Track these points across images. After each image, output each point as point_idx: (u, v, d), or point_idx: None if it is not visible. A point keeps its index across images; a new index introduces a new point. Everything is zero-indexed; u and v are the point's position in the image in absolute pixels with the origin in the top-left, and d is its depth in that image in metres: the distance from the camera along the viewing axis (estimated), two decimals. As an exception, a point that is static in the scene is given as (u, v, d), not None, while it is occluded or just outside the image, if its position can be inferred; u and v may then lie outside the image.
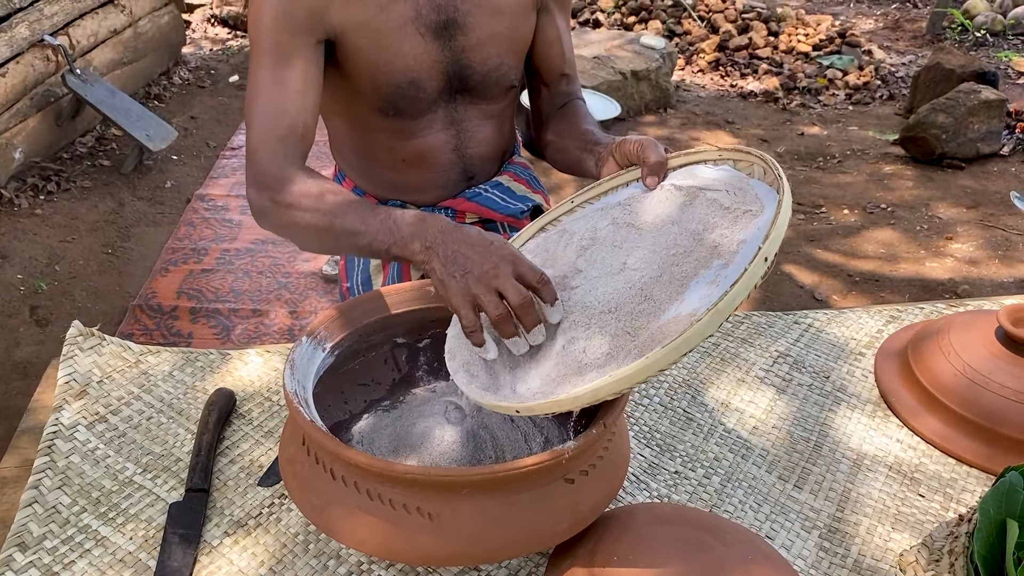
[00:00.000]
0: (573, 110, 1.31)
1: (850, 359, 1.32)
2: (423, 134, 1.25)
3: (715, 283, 0.82)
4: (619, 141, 1.09)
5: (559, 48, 1.31)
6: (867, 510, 1.05)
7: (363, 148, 1.31)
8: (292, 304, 3.00)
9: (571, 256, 0.99)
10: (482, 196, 1.35)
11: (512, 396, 0.88)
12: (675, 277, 0.86)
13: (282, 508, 1.02)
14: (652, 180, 1.00)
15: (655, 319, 0.83)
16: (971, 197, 3.95)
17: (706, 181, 0.96)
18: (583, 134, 1.22)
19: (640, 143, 1.03)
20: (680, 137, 4.60)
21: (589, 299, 0.90)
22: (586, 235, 1.00)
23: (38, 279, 3.09)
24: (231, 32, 5.97)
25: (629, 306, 0.87)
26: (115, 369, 1.23)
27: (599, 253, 0.96)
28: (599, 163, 1.13)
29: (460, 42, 1.18)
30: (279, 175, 1.08)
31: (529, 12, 1.24)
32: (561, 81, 1.34)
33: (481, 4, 1.17)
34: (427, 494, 0.81)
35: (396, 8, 1.13)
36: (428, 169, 1.30)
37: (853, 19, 6.60)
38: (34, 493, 1.02)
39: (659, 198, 0.99)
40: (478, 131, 1.30)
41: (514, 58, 1.25)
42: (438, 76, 1.19)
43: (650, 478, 1.08)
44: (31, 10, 3.72)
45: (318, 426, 0.85)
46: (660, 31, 5.80)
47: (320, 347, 1.00)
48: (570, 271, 0.96)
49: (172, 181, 3.89)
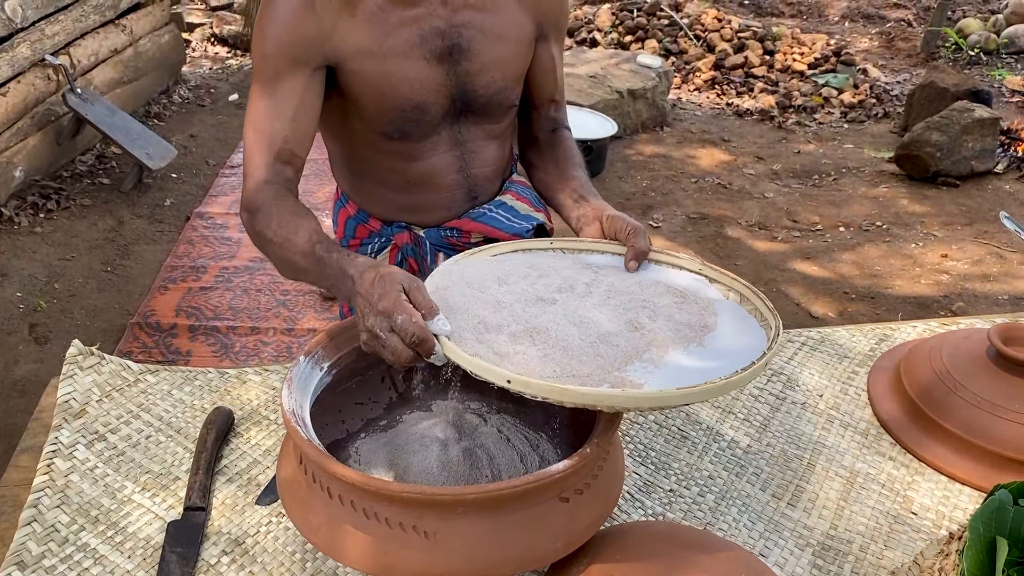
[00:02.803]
0: (561, 146, 1.36)
1: (843, 377, 1.33)
2: (428, 156, 1.27)
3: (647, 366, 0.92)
4: (612, 215, 1.17)
5: (553, 76, 1.35)
6: (860, 528, 1.06)
7: (367, 171, 1.32)
8: (290, 322, 3.01)
9: (548, 287, 1.05)
10: (487, 216, 1.36)
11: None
12: (621, 347, 0.94)
13: (279, 527, 1.03)
14: (633, 265, 1.11)
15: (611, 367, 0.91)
16: (965, 214, 3.98)
17: (675, 286, 1.08)
18: (570, 180, 1.29)
19: (634, 229, 1.13)
20: (676, 155, 4.63)
21: (552, 328, 0.96)
22: (561, 277, 1.08)
23: (37, 297, 3.10)
24: (230, 51, 6.01)
25: (584, 349, 0.93)
26: (114, 388, 1.24)
27: (571, 299, 1.03)
28: (581, 220, 1.22)
29: (464, 67, 1.20)
30: (260, 202, 1.13)
31: (529, 40, 1.27)
32: (550, 107, 1.38)
33: (485, 31, 1.20)
34: (423, 513, 0.82)
35: (401, 34, 1.15)
36: (433, 190, 1.32)
37: (848, 38, 6.66)
38: (33, 512, 1.02)
39: (632, 281, 1.09)
40: (482, 151, 1.32)
41: (515, 81, 1.29)
42: (443, 99, 1.22)
43: (645, 496, 1.09)
44: (33, 30, 3.75)
45: (315, 445, 0.86)
46: (656, 50, 5.85)
47: (318, 366, 1.01)
48: (546, 298, 1.02)
49: (171, 199, 3.91)
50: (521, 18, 1.24)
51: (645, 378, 0.89)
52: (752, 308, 1.04)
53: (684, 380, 0.86)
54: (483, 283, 1.04)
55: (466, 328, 0.93)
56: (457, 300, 0.98)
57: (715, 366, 0.91)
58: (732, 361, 0.91)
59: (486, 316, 0.96)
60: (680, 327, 0.98)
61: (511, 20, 1.23)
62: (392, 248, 1.38)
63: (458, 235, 1.37)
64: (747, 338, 0.98)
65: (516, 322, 0.96)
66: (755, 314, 1.03)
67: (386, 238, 1.38)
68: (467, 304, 0.98)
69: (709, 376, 0.86)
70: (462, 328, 0.93)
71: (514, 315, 0.97)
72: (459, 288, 1.02)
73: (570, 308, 1.00)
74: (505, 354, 0.90)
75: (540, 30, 1.28)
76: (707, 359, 0.93)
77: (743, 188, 4.26)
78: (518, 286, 1.04)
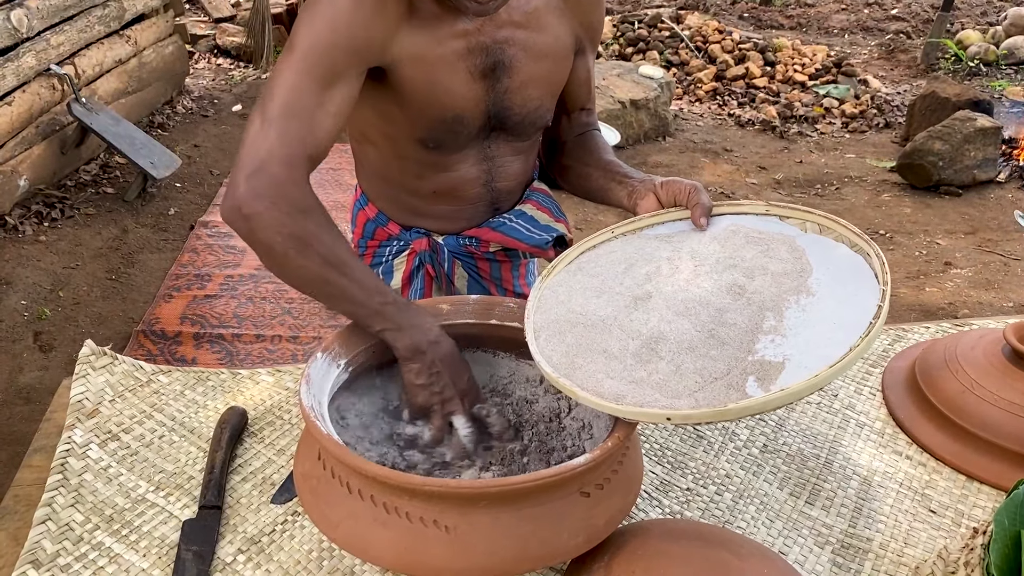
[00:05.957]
0: (593, 140, 1.35)
1: (858, 377, 1.33)
2: (456, 168, 1.27)
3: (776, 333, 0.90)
4: (666, 181, 1.15)
5: (587, 87, 1.34)
6: (879, 526, 1.05)
7: (394, 176, 1.31)
8: (295, 330, 3.00)
9: (636, 279, 1.02)
10: (507, 226, 1.36)
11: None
12: (738, 324, 0.92)
13: (295, 525, 1.02)
14: (703, 222, 1.08)
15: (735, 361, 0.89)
16: (969, 223, 3.98)
17: (752, 232, 1.05)
18: (607, 164, 1.27)
19: (693, 187, 1.11)
20: (679, 165, 4.64)
21: (666, 330, 0.94)
22: (640, 260, 1.05)
23: (42, 305, 3.10)
24: (233, 63, 6.03)
25: (707, 341, 0.92)
26: (127, 388, 1.23)
27: (663, 284, 1.00)
28: (633, 196, 1.18)
29: (504, 84, 1.19)
30: (300, 199, 1.02)
31: (569, 56, 1.26)
32: (582, 113, 1.37)
33: (527, 48, 1.18)
34: (444, 507, 0.81)
35: (450, 44, 1.13)
36: (456, 201, 1.32)
37: (848, 49, 6.69)
38: (47, 511, 1.02)
39: (708, 238, 1.06)
40: (509, 166, 1.31)
41: (551, 99, 1.27)
42: (480, 115, 1.20)
43: (662, 495, 1.09)
44: (38, 40, 3.77)
45: (335, 440, 0.85)
46: (658, 62, 5.88)
47: (335, 363, 1.00)
48: (641, 294, 0.99)
49: (175, 208, 3.91)
50: (562, 34, 1.22)
51: (779, 352, 0.87)
52: (836, 235, 1.01)
53: (816, 340, 0.85)
54: (582, 302, 1.01)
55: (599, 371, 0.91)
56: (571, 340, 0.96)
57: (840, 312, 0.89)
58: (850, 299, 0.90)
59: (604, 343, 0.94)
60: (780, 279, 0.96)
61: (553, 37, 1.21)
62: (410, 253, 1.38)
63: (476, 244, 1.37)
64: (847, 266, 0.95)
65: (631, 336, 0.94)
66: (843, 241, 1.00)
67: (405, 242, 1.38)
68: (580, 340, 0.95)
69: (844, 327, 0.85)
70: (597, 372, 0.91)
71: (624, 329, 0.95)
72: (567, 319, 0.99)
73: (669, 296, 0.97)
74: (640, 380, 0.89)
75: (579, 44, 1.27)
76: (826, 307, 0.91)
77: (746, 197, 4.26)
78: (612, 291, 1.01)
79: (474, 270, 1.41)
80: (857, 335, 0.83)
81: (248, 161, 1.00)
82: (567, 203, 1.55)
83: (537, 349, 0.96)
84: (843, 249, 0.99)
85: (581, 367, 0.92)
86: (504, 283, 1.45)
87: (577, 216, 3.87)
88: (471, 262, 1.40)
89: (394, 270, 1.40)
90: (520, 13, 1.16)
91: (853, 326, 0.85)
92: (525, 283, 1.49)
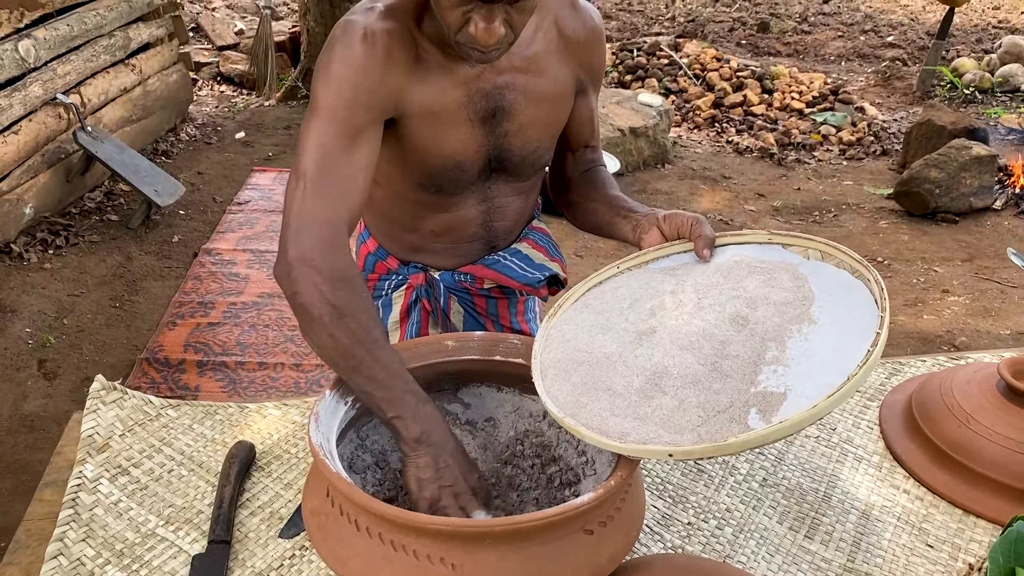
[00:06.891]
0: (598, 176, 1.37)
1: (856, 410, 1.35)
2: (455, 209, 1.30)
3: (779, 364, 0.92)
4: (669, 215, 1.17)
5: (591, 126, 1.37)
6: (878, 560, 1.07)
7: (394, 215, 1.35)
8: (298, 357, 3.02)
9: (641, 314, 1.04)
10: (501, 264, 1.38)
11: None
12: (741, 356, 0.94)
13: (303, 560, 1.04)
14: (706, 253, 1.10)
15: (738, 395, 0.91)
16: (965, 251, 4.01)
17: (754, 261, 1.07)
18: (612, 199, 1.30)
19: (695, 219, 1.13)
20: (678, 191, 4.68)
21: (670, 364, 0.96)
22: (644, 295, 1.07)
23: (46, 333, 3.12)
24: (236, 90, 6.09)
25: (709, 375, 0.93)
26: (136, 423, 1.25)
27: (667, 318, 1.02)
28: (637, 230, 1.20)
29: (504, 127, 1.21)
30: (343, 267, 1.04)
31: (569, 97, 1.29)
32: (586, 151, 1.40)
33: (527, 92, 1.21)
34: (451, 545, 0.83)
35: (453, 93, 1.16)
36: (454, 240, 1.35)
37: (845, 77, 6.76)
38: (59, 545, 1.03)
39: (712, 270, 1.08)
40: (508, 206, 1.34)
41: (550, 141, 1.30)
42: (481, 159, 1.23)
43: (664, 529, 1.10)
44: (45, 70, 3.82)
45: (344, 478, 0.87)
46: (656, 89, 5.94)
47: (343, 400, 1.02)
48: (645, 329, 1.01)
49: (179, 236, 3.95)
50: (563, 76, 1.24)
51: (780, 383, 0.89)
52: (837, 262, 1.02)
53: (817, 369, 0.87)
54: (588, 340, 1.03)
55: (604, 408, 0.93)
56: (576, 378, 0.98)
57: (841, 340, 0.91)
58: (851, 326, 0.91)
59: (609, 380, 0.96)
60: (782, 308, 0.97)
61: (553, 80, 1.23)
62: (408, 288, 1.41)
63: (471, 280, 1.40)
64: (849, 293, 0.97)
65: (634, 373, 0.96)
66: (844, 267, 1.01)
67: (403, 277, 1.41)
68: (586, 378, 0.98)
69: (845, 354, 0.87)
70: (602, 410, 0.93)
71: (628, 365, 0.97)
72: (573, 358, 1.01)
73: (672, 329, 0.99)
74: (644, 416, 0.91)
75: (580, 85, 1.29)
76: (828, 334, 0.93)
77: (744, 224, 4.30)
78: (617, 328, 1.03)
79: (470, 306, 1.43)
80: (855, 363, 0.85)
81: (294, 222, 1.05)
82: (567, 229, 1.57)
83: (544, 389, 0.99)
84: (844, 276, 1.00)
85: (586, 405, 0.94)
86: (501, 319, 1.47)
87: (577, 243, 3.90)
88: (467, 298, 1.42)
89: (392, 304, 1.43)
90: (520, 58, 1.19)
91: (853, 354, 0.87)
92: (523, 319, 1.50)
